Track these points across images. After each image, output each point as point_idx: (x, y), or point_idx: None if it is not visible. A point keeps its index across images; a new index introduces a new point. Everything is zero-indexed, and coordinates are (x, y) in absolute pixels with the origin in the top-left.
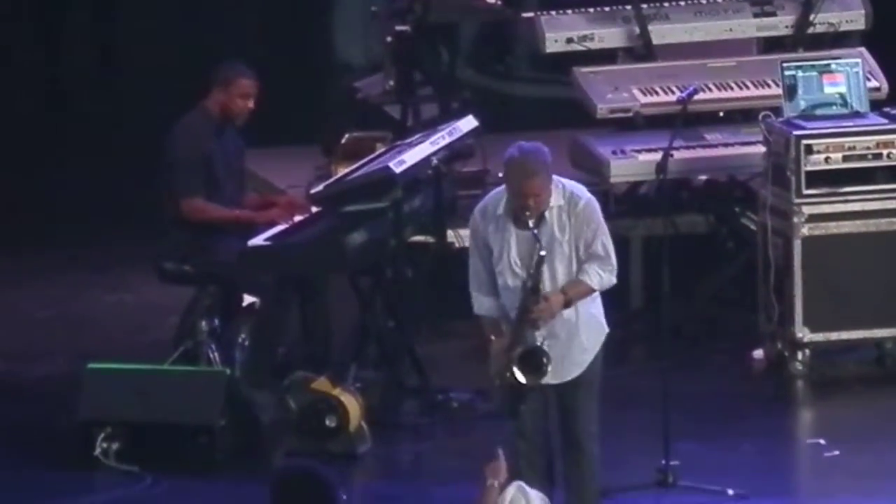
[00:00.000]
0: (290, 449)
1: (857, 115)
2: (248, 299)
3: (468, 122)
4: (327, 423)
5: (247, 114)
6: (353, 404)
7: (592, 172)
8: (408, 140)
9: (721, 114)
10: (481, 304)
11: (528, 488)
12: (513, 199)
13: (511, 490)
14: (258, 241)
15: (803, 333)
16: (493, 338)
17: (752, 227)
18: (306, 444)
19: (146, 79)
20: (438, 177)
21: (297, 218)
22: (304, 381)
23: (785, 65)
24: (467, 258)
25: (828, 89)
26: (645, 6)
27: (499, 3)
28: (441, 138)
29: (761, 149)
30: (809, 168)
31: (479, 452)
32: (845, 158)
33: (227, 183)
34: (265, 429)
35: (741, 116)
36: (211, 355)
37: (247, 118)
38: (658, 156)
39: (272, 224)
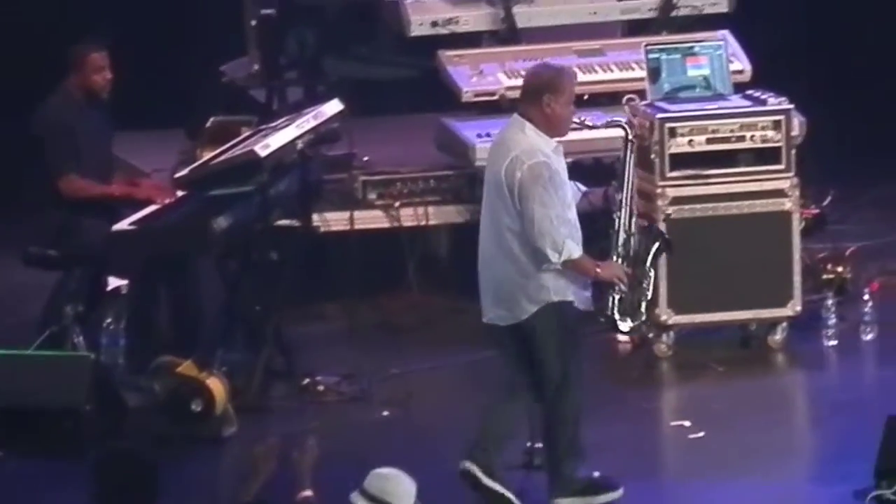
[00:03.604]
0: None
1: (720, 97)
2: (113, 283)
3: (333, 106)
4: (193, 407)
5: (107, 85)
6: (218, 388)
7: (458, 156)
8: (273, 124)
9: (585, 97)
10: (572, 248)
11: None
12: (566, 110)
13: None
14: (123, 225)
15: (668, 315)
16: (599, 265)
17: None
18: (172, 429)
19: (9, 56)
20: (304, 160)
21: (165, 201)
22: (170, 365)
23: (649, 48)
24: (333, 241)
25: (691, 72)
26: None
27: None
28: (306, 122)
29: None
30: (673, 151)
31: (346, 435)
32: (709, 141)
33: (93, 162)
34: (132, 413)
35: (606, 99)
36: (76, 339)
37: (109, 88)
38: None
39: (149, 200)
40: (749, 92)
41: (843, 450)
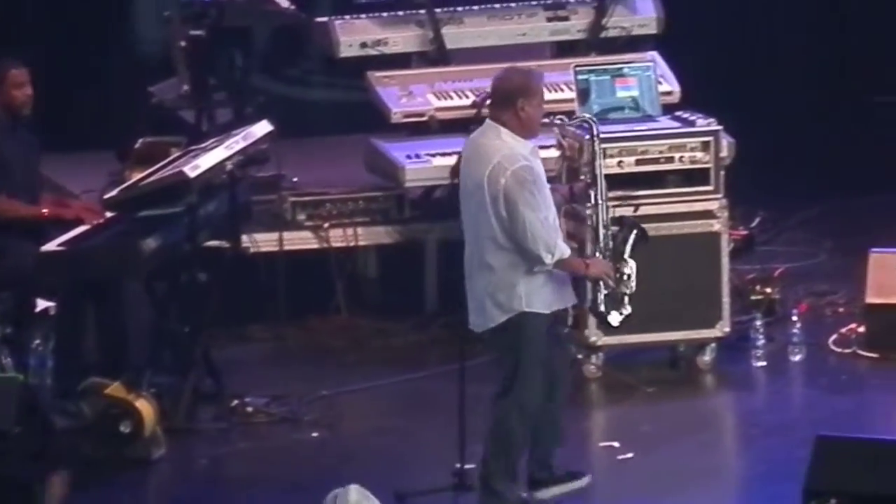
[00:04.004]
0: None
1: (649, 118)
2: (41, 304)
3: (262, 127)
4: (122, 428)
5: (28, 101)
6: (147, 410)
7: (387, 177)
8: (202, 145)
9: None
10: (563, 247)
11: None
12: (539, 111)
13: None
14: (52, 246)
15: (597, 337)
16: (587, 262)
17: None
18: (100, 450)
19: None
20: (233, 182)
21: (95, 222)
22: (99, 386)
23: (578, 69)
24: (262, 262)
25: (620, 93)
26: (438, 10)
27: (293, 7)
28: (236, 143)
29: (555, 152)
30: (603, 171)
31: (275, 457)
32: (638, 162)
33: (20, 182)
34: (60, 434)
35: None
36: (4, 361)
37: (30, 105)
38: (452, 160)
39: (79, 221)
40: (678, 113)
41: (771, 470)
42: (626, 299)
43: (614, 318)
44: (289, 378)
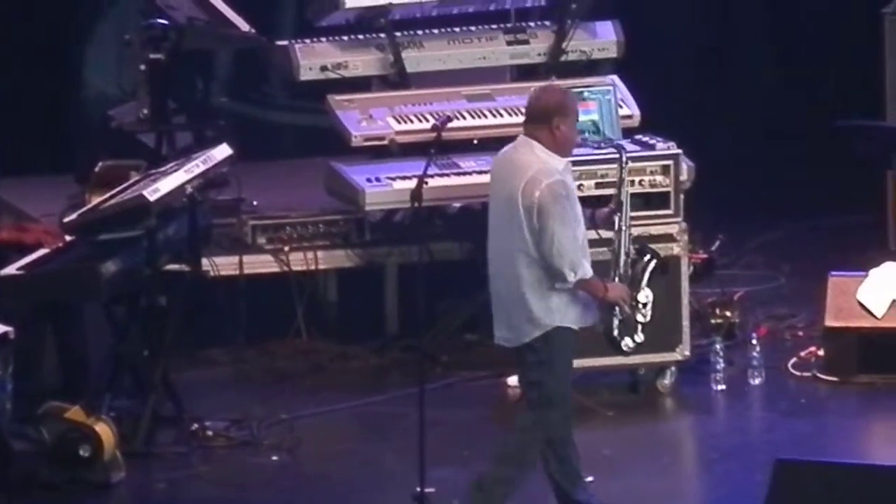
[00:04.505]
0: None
1: (609, 142)
2: (0, 329)
3: (222, 151)
4: (81, 452)
5: None
6: (107, 433)
7: (347, 200)
8: (162, 168)
9: (475, 141)
10: (586, 268)
11: None
12: (574, 131)
13: None
14: (11, 270)
15: None
16: (607, 285)
17: None
18: (59, 474)
19: None
20: (193, 205)
21: (54, 246)
22: (58, 410)
23: None
24: (222, 285)
25: (581, 117)
26: (399, 34)
27: (253, 31)
28: (195, 167)
29: None
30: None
31: (235, 481)
32: (598, 185)
33: None
34: (18, 458)
35: (496, 144)
36: None
37: None
38: (413, 183)
39: (38, 244)
40: (638, 137)
41: (731, 494)
42: (640, 327)
43: (626, 345)
44: (248, 402)
